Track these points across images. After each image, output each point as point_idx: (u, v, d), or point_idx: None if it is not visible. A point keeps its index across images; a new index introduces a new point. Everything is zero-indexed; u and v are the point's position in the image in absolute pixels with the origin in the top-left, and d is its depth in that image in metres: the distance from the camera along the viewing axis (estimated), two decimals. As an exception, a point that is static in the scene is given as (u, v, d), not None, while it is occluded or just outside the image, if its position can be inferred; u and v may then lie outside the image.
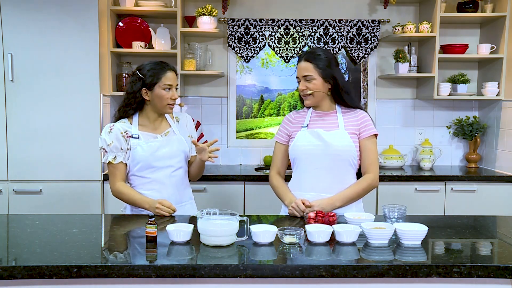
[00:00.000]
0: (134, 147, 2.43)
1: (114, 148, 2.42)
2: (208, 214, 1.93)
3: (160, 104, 2.44)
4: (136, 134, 2.44)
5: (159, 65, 2.46)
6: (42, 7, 3.42)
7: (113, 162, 2.43)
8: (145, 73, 2.44)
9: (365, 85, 4.30)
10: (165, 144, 2.48)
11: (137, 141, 2.43)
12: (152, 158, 2.44)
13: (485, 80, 4.05)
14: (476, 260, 1.79)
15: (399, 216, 2.17)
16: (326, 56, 2.42)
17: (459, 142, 4.31)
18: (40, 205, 3.50)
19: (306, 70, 2.41)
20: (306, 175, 2.44)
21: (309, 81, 2.40)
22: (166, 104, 2.44)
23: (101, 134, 2.47)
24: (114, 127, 2.44)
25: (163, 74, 2.42)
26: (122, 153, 2.43)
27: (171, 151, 2.48)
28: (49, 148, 3.50)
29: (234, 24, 4.06)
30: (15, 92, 3.45)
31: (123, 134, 2.43)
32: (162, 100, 2.43)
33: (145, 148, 2.43)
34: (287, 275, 1.66)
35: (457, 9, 3.96)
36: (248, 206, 3.65)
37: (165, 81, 2.42)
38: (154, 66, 2.45)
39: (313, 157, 2.41)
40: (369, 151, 2.43)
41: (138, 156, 2.43)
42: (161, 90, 2.42)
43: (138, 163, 2.44)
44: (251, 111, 4.38)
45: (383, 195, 3.66)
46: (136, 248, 1.90)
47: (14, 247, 1.89)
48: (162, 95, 2.42)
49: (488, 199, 3.69)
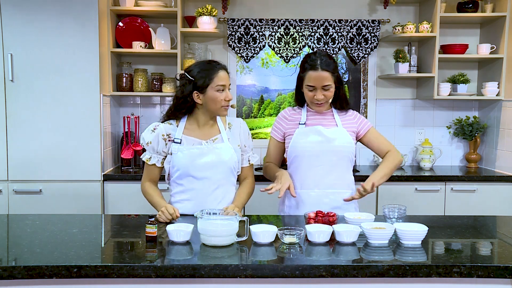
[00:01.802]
0: (175, 153, 2.30)
1: (151, 149, 2.33)
2: (208, 214, 1.93)
3: (214, 107, 2.27)
4: (179, 139, 2.30)
5: (210, 64, 2.30)
6: (42, 7, 3.42)
7: (147, 162, 2.35)
8: (195, 75, 2.26)
9: (365, 85, 4.30)
10: (208, 151, 2.30)
11: (179, 147, 2.29)
12: (192, 167, 2.28)
13: (485, 80, 4.05)
14: (476, 260, 1.79)
15: (399, 216, 2.17)
16: (333, 60, 2.42)
17: (459, 142, 4.31)
18: (40, 205, 3.50)
19: (326, 80, 2.37)
20: (309, 173, 2.43)
21: (328, 89, 2.39)
22: (220, 106, 2.27)
23: (144, 131, 2.37)
24: (159, 127, 2.33)
25: (215, 74, 2.25)
26: (157, 156, 2.34)
27: (214, 160, 2.29)
28: (49, 148, 3.50)
29: (234, 24, 4.06)
30: (15, 92, 3.45)
31: (165, 137, 2.31)
32: (216, 103, 2.26)
33: (185, 154, 2.28)
34: (287, 275, 1.66)
35: (457, 9, 3.96)
36: (248, 206, 3.64)
37: (218, 82, 2.25)
38: (204, 66, 2.29)
39: (316, 154, 2.42)
40: (377, 137, 2.51)
41: (178, 163, 2.29)
42: (214, 91, 2.24)
43: (178, 170, 2.31)
44: (251, 111, 4.38)
45: (383, 195, 3.66)
46: (136, 248, 1.90)
47: (14, 247, 1.89)
48: (216, 97, 2.25)
49: (488, 199, 3.69)
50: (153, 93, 3.94)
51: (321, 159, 2.41)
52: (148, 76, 4.01)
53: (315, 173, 2.42)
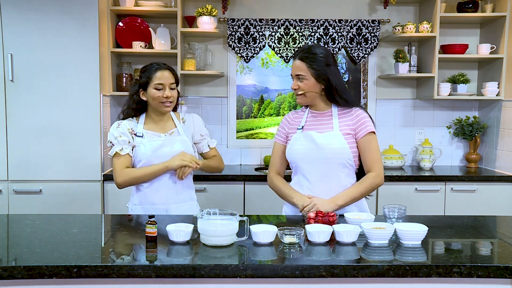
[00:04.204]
0: (138, 145, 2.49)
1: (122, 141, 2.47)
2: (208, 214, 1.93)
3: (154, 104, 2.49)
4: (140, 133, 2.51)
5: (151, 65, 2.53)
6: (42, 7, 3.42)
7: (120, 153, 2.46)
8: (140, 75, 2.52)
9: (365, 85, 4.30)
10: (167, 143, 2.51)
11: (141, 140, 2.49)
12: (153, 156, 2.47)
13: (485, 80, 4.05)
14: (476, 260, 1.79)
15: (399, 216, 2.17)
16: (322, 55, 2.35)
17: (459, 142, 4.31)
18: (40, 205, 3.50)
19: (299, 69, 2.36)
20: (304, 179, 2.42)
21: (301, 80, 2.36)
22: (159, 102, 2.48)
23: (109, 131, 2.53)
24: (122, 123, 2.52)
25: (154, 73, 2.48)
26: (129, 146, 2.49)
27: (172, 150, 2.50)
28: (49, 148, 3.50)
29: (234, 24, 4.06)
30: (15, 92, 3.45)
31: (130, 131, 2.50)
32: (155, 99, 2.47)
33: (147, 146, 2.48)
34: (287, 275, 1.66)
35: (457, 9, 3.96)
36: (248, 206, 3.65)
37: (155, 81, 2.46)
38: (148, 67, 2.52)
39: (308, 161, 2.39)
40: (368, 149, 2.37)
41: (140, 154, 2.48)
42: (152, 89, 2.47)
43: (140, 160, 2.49)
44: (251, 111, 4.38)
45: (383, 195, 3.66)
46: (136, 248, 1.90)
47: (14, 247, 1.89)
48: (154, 94, 2.47)
49: (488, 199, 3.69)
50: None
51: (314, 166, 2.38)
52: (148, 76, 4.00)
53: (309, 180, 2.40)
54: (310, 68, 2.34)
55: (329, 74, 2.35)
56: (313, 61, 2.34)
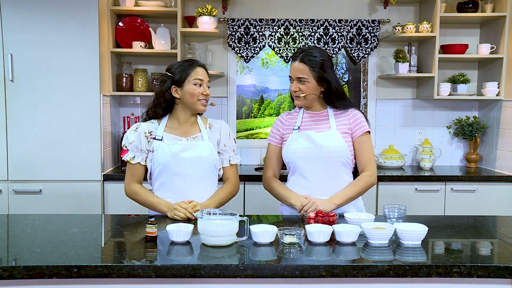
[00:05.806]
0: (156, 149, 2.35)
1: (134, 148, 2.36)
2: (208, 214, 1.93)
3: (191, 100, 2.34)
4: (160, 136, 2.35)
5: (188, 61, 2.41)
6: (42, 7, 3.42)
7: (130, 161, 2.37)
8: (174, 71, 2.38)
9: (365, 85, 4.30)
10: (188, 148, 2.35)
11: (160, 143, 2.34)
12: (173, 162, 2.33)
13: (485, 80, 4.05)
14: (476, 260, 1.79)
15: (399, 216, 2.17)
16: (322, 58, 2.36)
17: (459, 142, 4.31)
18: (40, 205, 3.50)
19: (301, 72, 2.36)
20: (302, 179, 2.42)
21: (303, 83, 2.36)
22: (197, 99, 2.35)
23: (126, 132, 2.42)
24: (140, 126, 2.39)
25: (193, 69, 2.36)
26: (141, 154, 2.37)
27: (193, 155, 2.34)
28: (49, 148, 3.50)
29: (234, 24, 4.06)
30: (15, 92, 3.45)
31: (147, 135, 2.37)
32: (193, 96, 2.34)
33: (165, 150, 2.33)
34: (287, 275, 1.66)
35: (457, 9, 3.96)
36: (248, 206, 3.65)
37: (195, 76, 2.34)
38: (182, 63, 2.41)
39: (307, 161, 2.39)
40: (363, 149, 2.40)
41: (159, 159, 2.34)
42: (191, 85, 2.33)
43: (159, 165, 2.35)
44: (251, 111, 4.38)
45: (383, 195, 3.66)
46: (136, 248, 1.90)
47: (14, 247, 1.89)
48: (193, 90, 2.33)
49: (488, 199, 3.69)
50: (153, 93, 3.90)
51: (313, 165, 2.39)
52: (148, 76, 4.01)
53: (307, 179, 2.40)
54: (312, 71, 2.35)
55: (329, 77, 2.37)
56: (315, 64, 2.35)
